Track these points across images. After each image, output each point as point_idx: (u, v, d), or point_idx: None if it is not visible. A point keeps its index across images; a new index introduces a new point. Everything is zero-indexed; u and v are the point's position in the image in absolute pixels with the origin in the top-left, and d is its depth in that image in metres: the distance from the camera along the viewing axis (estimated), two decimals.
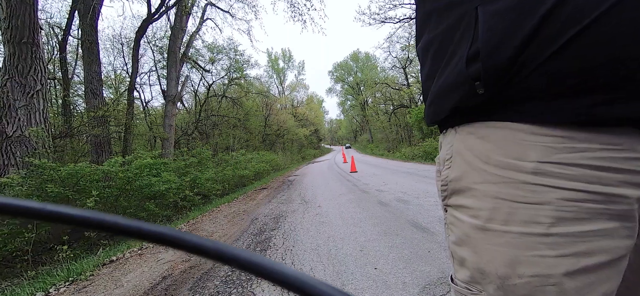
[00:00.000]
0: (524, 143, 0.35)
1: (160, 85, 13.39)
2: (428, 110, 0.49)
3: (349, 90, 42.62)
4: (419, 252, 2.20)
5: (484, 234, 0.37)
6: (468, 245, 0.40)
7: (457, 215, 0.42)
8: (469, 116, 0.42)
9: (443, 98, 0.44)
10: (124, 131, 8.49)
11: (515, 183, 0.35)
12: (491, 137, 0.38)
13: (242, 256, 0.17)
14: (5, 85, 4.14)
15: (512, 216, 0.35)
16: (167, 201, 5.38)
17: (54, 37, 10.14)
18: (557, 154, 0.34)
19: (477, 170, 0.39)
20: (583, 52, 0.31)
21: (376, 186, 5.67)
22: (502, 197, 0.36)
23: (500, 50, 0.35)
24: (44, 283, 2.40)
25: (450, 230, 0.44)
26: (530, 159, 0.35)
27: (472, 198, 0.39)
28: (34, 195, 3.68)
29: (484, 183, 0.38)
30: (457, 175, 0.42)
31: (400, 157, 15.54)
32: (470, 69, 0.37)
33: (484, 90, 0.37)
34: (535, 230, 0.34)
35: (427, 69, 0.48)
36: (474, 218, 0.39)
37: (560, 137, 0.34)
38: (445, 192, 0.45)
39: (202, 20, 11.80)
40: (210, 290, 1.95)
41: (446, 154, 0.45)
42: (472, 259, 0.39)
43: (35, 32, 4.40)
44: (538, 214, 0.34)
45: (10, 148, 4.05)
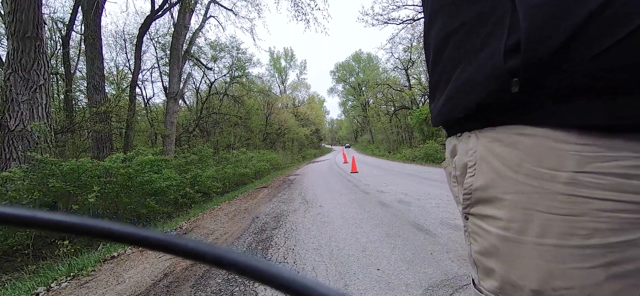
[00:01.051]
0: (558, 152, 0.34)
1: (162, 82, 13.42)
2: (443, 107, 0.46)
3: (351, 91, 42.63)
4: (421, 254, 2.19)
5: (515, 246, 0.36)
6: (497, 256, 0.38)
7: (483, 225, 0.40)
8: (491, 118, 0.39)
9: (467, 94, 0.40)
10: (126, 127, 8.50)
11: (550, 194, 0.34)
12: (521, 144, 0.36)
13: (241, 260, 0.16)
14: (8, 79, 4.14)
15: (547, 228, 0.34)
16: (167, 198, 5.38)
17: (57, 32, 10.14)
18: (592, 164, 0.32)
19: (506, 179, 0.37)
20: (635, 50, 0.29)
21: (377, 187, 5.67)
22: (535, 208, 0.35)
23: (545, 43, 0.32)
24: (45, 277, 2.40)
25: (473, 239, 0.43)
26: (565, 169, 0.33)
27: (501, 208, 0.38)
28: (36, 189, 3.68)
29: (515, 194, 0.36)
30: (483, 183, 0.40)
31: (400, 158, 15.53)
32: (508, 63, 0.35)
33: (518, 88, 0.35)
34: (572, 243, 0.33)
35: (445, 61, 0.45)
36: (504, 229, 0.37)
37: (594, 146, 0.33)
38: (468, 200, 0.43)
39: (205, 18, 11.80)
40: (212, 287, 1.95)
41: (469, 160, 0.42)
42: (501, 271, 0.38)
43: (39, 26, 4.40)
44: (574, 226, 0.33)
45: (13, 142, 4.05)
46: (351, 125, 56.86)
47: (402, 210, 3.61)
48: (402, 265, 2.04)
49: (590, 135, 0.33)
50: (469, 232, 0.44)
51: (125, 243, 0.18)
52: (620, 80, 0.31)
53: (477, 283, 0.43)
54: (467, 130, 0.44)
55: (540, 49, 0.33)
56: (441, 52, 0.46)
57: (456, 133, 0.46)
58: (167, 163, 5.96)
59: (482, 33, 0.39)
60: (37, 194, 3.66)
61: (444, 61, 0.45)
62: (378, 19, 15.28)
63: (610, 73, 0.31)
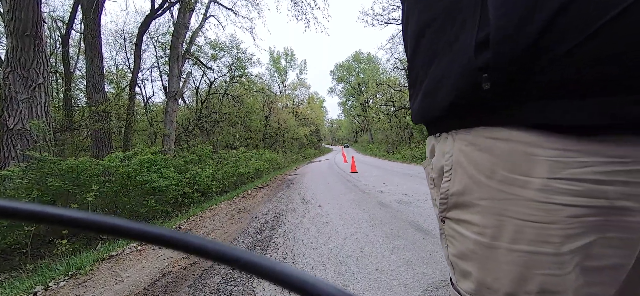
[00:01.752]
0: (531, 158, 0.33)
1: (162, 82, 13.40)
2: (420, 104, 0.45)
3: (351, 91, 42.63)
4: (421, 254, 2.19)
5: (490, 251, 0.36)
6: (472, 260, 0.39)
7: (459, 230, 0.40)
8: (466, 118, 0.39)
9: (440, 90, 0.40)
10: (125, 126, 8.48)
11: (522, 201, 0.34)
12: (495, 149, 0.36)
13: (244, 257, 0.16)
14: (7, 78, 4.13)
15: (520, 235, 0.34)
16: (167, 197, 5.37)
17: (57, 30, 10.13)
18: (563, 170, 0.32)
19: (480, 185, 0.37)
20: (614, 42, 0.28)
21: (376, 187, 5.66)
22: (508, 215, 0.35)
23: (515, 37, 0.31)
24: (43, 276, 2.39)
25: (449, 242, 0.43)
26: (538, 176, 0.33)
27: (476, 214, 0.38)
28: (34, 188, 3.67)
29: (489, 200, 0.36)
30: (459, 189, 0.40)
31: (400, 159, 15.53)
32: (478, 59, 0.34)
33: (489, 85, 0.33)
34: (544, 250, 0.33)
35: (422, 56, 0.44)
36: (479, 235, 0.37)
37: (567, 151, 0.32)
38: (444, 205, 0.42)
39: (205, 17, 11.79)
40: (210, 287, 1.95)
41: (445, 164, 0.42)
42: (477, 274, 0.38)
43: (38, 25, 4.38)
44: (547, 233, 0.33)
45: (12, 141, 4.04)
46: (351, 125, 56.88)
47: (402, 210, 3.60)
48: (401, 265, 2.04)
49: (563, 140, 0.32)
50: (445, 235, 0.44)
51: (135, 239, 0.18)
52: (592, 78, 0.30)
53: (454, 283, 0.44)
54: (444, 130, 0.43)
55: (510, 44, 0.32)
56: (418, 46, 0.45)
57: (435, 133, 0.46)
58: (166, 163, 5.95)
59: (454, 26, 0.38)
60: (36, 193, 3.65)
61: (420, 56, 0.44)
62: (378, 19, 15.29)
63: (582, 70, 0.30)
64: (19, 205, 0.18)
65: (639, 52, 0.28)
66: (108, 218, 0.18)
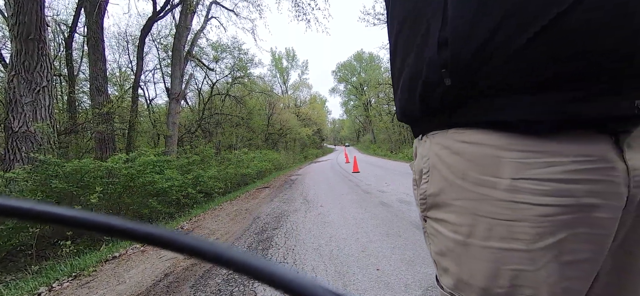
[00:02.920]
0: (497, 160, 0.35)
1: (165, 83, 13.48)
2: (400, 100, 0.47)
3: (352, 90, 42.56)
4: (422, 254, 2.19)
5: (464, 249, 0.38)
6: (450, 257, 0.41)
7: (438, 228, 0.43)
8: (437, 118, 0.41)
9: (414, 84, 0.42)
10: (128, 128, 8.54)
11: (491, 201, 0.36)
12: (466, 153, 0.38)
13: (239, 258, 0.16)
14: (12, 81, 4.18)
15: (491, 232, 0.36)
16: (169, 198, 5.40)
17: (60, 34, 10.21)
18: (530, 170, 0.34)
19: (454, 186, 0.39)
20: (558, 41, 0.30)
21: (378, 187, 5.65)
22: (480, 214, 0.37)
23: (470, 38, 0.34)
24: (47, 277, 2.42)
25: (431, 240, 0.45)
26: (505, 176, 0.35)
27: (451, 213, 0.40)
28: (39, 190, 3.71)
29: (462, 200, 0.38)
30: (435, 190, 0.42)
31: (403, 158, 15.48)
32: (439, 57, 0.36)
33: (451, 81, 0.36)
34: (514, 246, 0.35)
35: (399, 52, 0.46)
36: (455, 233, 0.39)
37: (532, 152, 0.34)
38: (424, 204, 0.45)
39: (207, 19, 11.84)
40: (211, 287, 1.96)
41: (423, 167, 0.45)
42: (454, 270, 0.40)
43: (42, 28, 4.43)
44: (516, 230, 0.34)
45: (16, 143, 4.09)
46: (353, 125, 56.78)
47: (403, 209, 3.60)
48: (402, 265, 2.04)
49: (526, 141, 0.34)
50: (427, 233, 0.47)
51: (127, 239, 0.18)
52: (542, 75, 0.32)
53: (438, 279, 0.46)
54: (424, 132, 0.46)
55: (464, 43, 0.34)
56: (397, 43, 0.47)
57: (418, 136, 0.49)
58: (169, 164, 6.00)
59: (422, 25, 0.40)
60: (40, 195, 3.69)
61: (398, 52, 0.47)
62: (379, 19, 15.25)
63: (533, 67, 0.32)
64: (22, 203, 0.18)
65: (585, 51, 0.30)
66: (105, 218, 0.18)
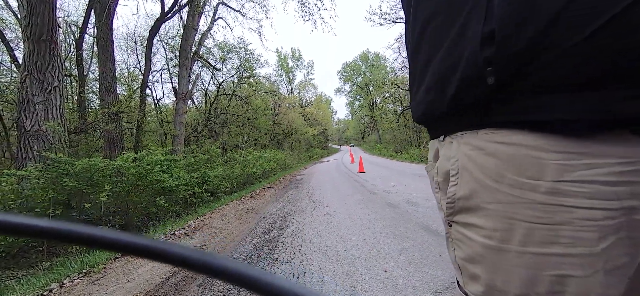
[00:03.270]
0: (538, 161, 0.33)
1: (172, 83, 13.64)
2: (423, 99, 0.45)
3: (358, 91, 42.45)
4: (430, 256, 2.16)
5: (499, 255, 0.36)
6: (481, 263, 0.39)
7: (467, 233, 0.41)
8: (469, 118, 0.39)
9: (444, 84, 0.40)
10: (136, 127, 8.66)
11: (530, 204, 0.34)
12: (502, 154, 0.36)
13: (232, 268, 0.15)
14: (24, 81, 4.27)
15: (529, 237, 0.34)
16: (176, 197, 5.45)
17: (71, 34, 10.40)
18: (573, 172, 0.32)
19: (488, 189, 0.37)
20: (624, 35, 0.28)
21: (384, 187, 5.62)
22: (517, 218, 0.35)
23: (522, 32, 0.32)
24: (58, 274, 2.46)
25: (456, 245, 0.43)
26: (546, 178, 0.33)
27: (483, 217, 0.38)
28: (50, 188, 3.78)
29: (497, 203, 0.36)
30: (466, 193, 0.40)
31: (408, 159, 15.38)
32: (484, 50, 0.34)
33: (494, 80, 0.34)
34: (554, 251, 0.33)
35: (424, 50, 0.44)
36: (488, 238, 0.37)
37: (574, 153, 0.32)
38: (451, 209, 0.43)
39: (214, 20, 11.94)
40: (219, 287, 1.97)
41: (451, 168, 0.42)
42: (486, 277, 0.38)
43: (54, 29, 4.51)
44: (556, 235, 0.33)
45: (28, 142, 4.17)
46: (358, 125, 56.62)
47: (410, 210, 3.57)
48: (409, 266, 2.02)
49: (570, 142, 0.33)
50: (452, 239, 0.45)
51: (110, 250, 0.17)
52: (592, 73, 0.30)
53: (462, 286, 0.44)
54: (448, 133, 0.43)
55: (515, 37, 0.32)
56: (421, 40, 0.45)
57: (438, 136, 0.46)
58: (176, 163, 6.05)
59: (459, 19, 0.38)
60: (51, 193, 3.75)
61: (423, 49, 0.45)
62: (386, 18, 15.19)
63: (583, 65, 0.30)
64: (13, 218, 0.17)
65: (637, 49, 0.29)
66: (83, 228, 0.17)
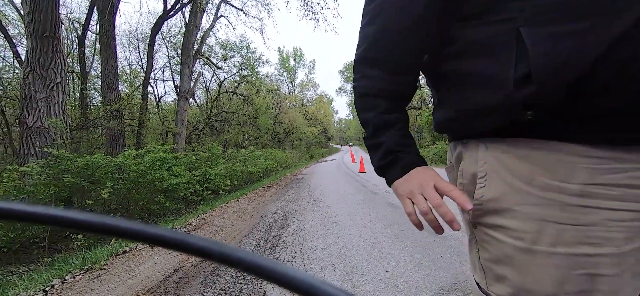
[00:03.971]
0: (569, 166, 0.35)
1: (174, 81, 13.64)
2: (450, 121, 0.47)
3: None
4: (432, 256, 2.16)
5: (529, 256, 0.37)
6: (510, 264, 0.39)
7: (495, 235, 0.41)
8: (502, 134, 0.41)
9: (477, 118, 0.42)
10: (138, 125, 8.67)
11: (561, 205, 0.35)
12: (533, 158, 0.37)
13: (247, 258, 0.16)
14: (27, 77, 4.28)
15: (559, 238, 0.35)
16: (177, 195, 5.46)
17: (74, 31, 10.43)
18: (602, 176, 0.34)
19: (518, 191, 0.38)
20: None
21: (386, 187, 5.59)
22: (547, 219, 0.36)
23: (560, 75, 0.33)
24: (60, 270, 2.46)
25: (482, 247, 0.44)
26: (576, 181, 0.35)
27: (513, 219, 0.39)
28: (52, 184, 3.79)
29: (527, 205, 0.37)
30: (495, 195, 0.40)
31: None
32: (520, 92, 0.36)
33: (534, 115, 0.36)
34: (584, 251, 0.34)
35: (448, 74, 0.45)
36: (518, 239, 0.38)
37: (605, 159, 0.34)
38: (478, 211, 0.43)
39: (216, 18, 11.94)
40: (221, 284, 1.97)
41: (478, 171, 0.43)
42: (515, 278, 0.39)
43: (57, 26, 4.52)
44: (586, 235, 0.34)
45: (31, 138, 4.19)
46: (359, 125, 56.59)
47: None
48: (411, 267, 2.02)
49: (600, 148, 0.34)
50: (477, 240, 0.45)
51: (135, 240, 0.18)
52: (622, 110, 0.33)
53: (484, 287, 0.44)
54: (474, 138, 0.44)
55: (554, 81, 0.34)
56: (445, 62, 0.46)
57: (462, 139, 0.47)
58: (177, 161, 6.06)
59: (488, 58, 0.39)
60: (53, 189, 3.77)
61: (446, 73, 0.46)
62: None
63: (614, 105, 0.33)
64: (21, 206, 0.17)
65: None
66: (111, 219, 0.18)
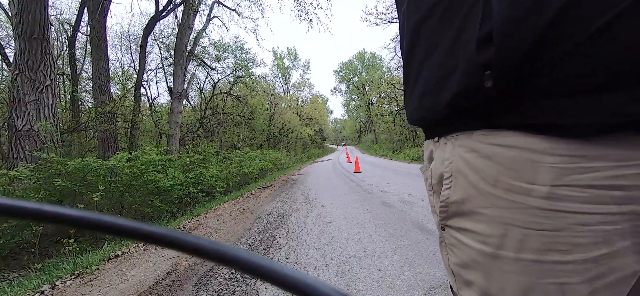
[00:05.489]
0: (535, 165, 0.32)
1: (167, 82, 13.53)
2: (418, 103, 0.44)
3: (354, 90, 42.52)
4: (424, 254, 2.18)
5: (494, 261, 0.35)
6: (475, 269, 0.38)
7: (461, 238, 0.39)
8: (466, 120, 0.38)
9: (440, 88, 0.39)
10: (131, 127, 8.58)
11: (527, 209, 0.33)
12: (498, 156, 0.34)
13: (243, 257, 0.16)
14: (15, 80, 4.21)
15: (526, 243, 0.33)
16: (171, 197, 5.41)
17: (64, 33, 10.28)
18: (570, 176, 0.31)
19: (483, 193, 0.36)
20: (624, 36, 0.27)
21: (380, 187, 5.65)
22: (513, 224, 0.34)
23: (522, 33, 0.30)
24: (50, 275, 2.43)
25: (450, 250, 0.42)
26: (543, 183, 0.32)
27: (478, 222, 0.36)
28: (42, 188, 3.73)
29: (492, 208, 0.35)
30: (460, 197, 0.38)
31: (404, 158, 15.46)
32: (481, 55, 0.33)
33: (492, 83, 0.32)
34: (551, 258, 0.32)
35: (419, 51, 0.43)
36: (482, 244, 0.36)
37: (570, 157, 0.31)
38: (444, 213, 0.41)
39: (209, 19, 11.87)
40: (214, 287, 1.96)
41: (444, 171, 0.41)
42: (480, 283, 0.37)
43: (46, 27, 4.46)
44: (553, 241, 0.32)
45: (20, 142, 4.12)
46: (355, 124, 56.75)
47: (405, 210, 3.59)
48: (404, 265, 2.03)
49: (568, 145, 0.31)
50: (446, 243, 0.43)
51: (132, 238, 0.18)
52: (597, 74, 0.29)
53: (456, 291, 0.42)
54: (443, 134, 0.42)
55: (515, 39, 0.31)
56: (416, 41, 0.44)
57: (433, 137, 0.45)
58: (171, 163, 6.01)
59: (454, 21, 0.37)
60: (43, 193, 3.71)
61: (417, 51, 0.43)
62: (381, 18, 15.24)
63: (587, 66, 0.29)
64: (27, 204, 0.18)
65: None
66: (114, 219, 0.18)
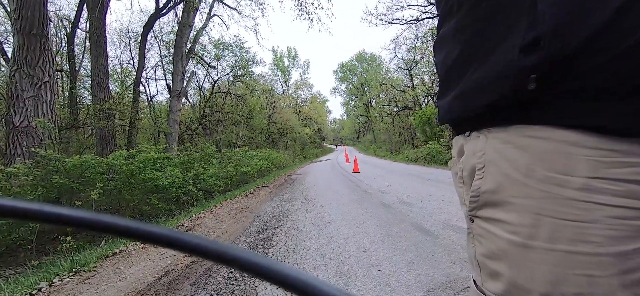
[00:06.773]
0: (571, 157, 0.33)
1: (166, 80, 13.49)
2: (453, 103, 0.45)
3: (353, 91, 42.55)
4: (423, 255, 2.18)
5: (524, 251, 0.35)
6: (504, 260, 0.38)
7: (490, 228, 0.40)
8: (503, 118, 0.39)
9: (480, 91, 0.40)
10: (129, 125, 8.55)
11: (561, 200, 0.33)
12: (533, 148, 0.35)
13: (243, 257, 0.16)
14: (13, 76, 4.18)
15: (558, 234, 0.33)
16: (170, 195, 5.40)
17: (63, 29, 10.22)
18: (606, 169, 0.32)
19: (516, 183, 0.36)
20: None
21: (379, 187, 5.65)
22: (545, 214, 0.34)
23: (571, 34, 0.31)
24: (47, 273, 2.41)
25: (477, 241, 0.42)
26: (578, 174, 0.32)
27: (509, 212, 0.37)
28: (39, 185, 3.71)
29: (525, 198, 0.35)
30: (492, 187, 0.39)
31: (403, 159, 15.49)
32: (525, 59, 0.34)
33: (536, 85, 0.34)
34: (583, 249, 0.32)
35: (455, 56, 0.44)
36: (513, 234, 0.37)
37: (608, 151, 0.32)
38: (474, 203, 0.42)
39: (209, 17, 11.84)
40: (213, 285, 1.95)
41: (477, 162, 0.41)
42: (509, 274, 0.37)
43: (44, 23, 4.43)
44: (586, 233, 0.32)
45: (17, 138, 4.09)
46: (354, 125, 56.76)
47: (404, 210, 3.59)
48: (403, 266, 2.03)
49: (605, 139, 0.32)
50: (473, 234, 0.43)
51: (130, 238, 0.18)
52: (635, 81, 0.30)
53: (479, 284, 0.42)
54: (475, 129, 0.43)
55: (562, 43, 0.32)
56: (453, 47, 0.45)
57: (464, 132, 0.45)
58: (169, 161, 5.99)
59: (497, 29, 0.38)
60: (41, 190, 3.69)
61: (454, 55, 0.44)
62: (382, 19, 15.24)
63: (631, 72, 0.30)
64: (27, 205, 0.18)
65: None
66: (112, 218, 0.18)
